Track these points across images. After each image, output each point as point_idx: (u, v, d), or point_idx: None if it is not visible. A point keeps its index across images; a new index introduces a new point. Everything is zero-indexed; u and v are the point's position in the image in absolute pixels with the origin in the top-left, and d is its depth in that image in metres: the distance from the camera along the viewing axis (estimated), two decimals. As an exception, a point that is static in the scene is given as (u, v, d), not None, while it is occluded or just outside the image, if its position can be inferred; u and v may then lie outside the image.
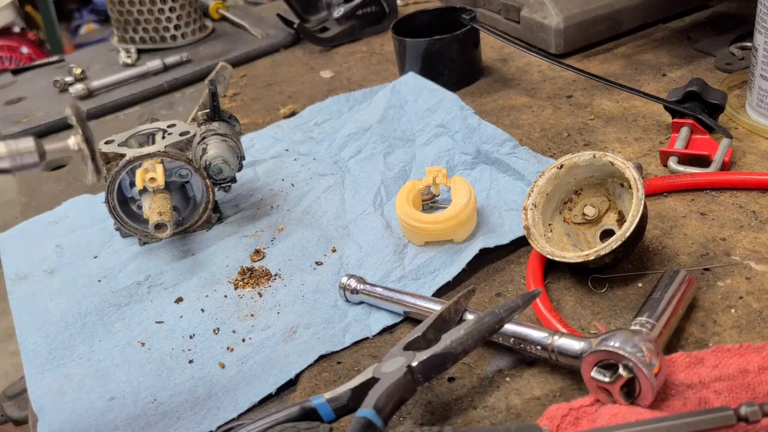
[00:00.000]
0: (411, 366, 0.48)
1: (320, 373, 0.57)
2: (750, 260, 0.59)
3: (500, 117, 0.89)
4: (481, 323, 0.50)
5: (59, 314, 0.68)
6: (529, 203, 0.62)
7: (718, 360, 0.47)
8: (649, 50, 0.99)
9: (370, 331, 0.60)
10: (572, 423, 0.46)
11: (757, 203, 0.65)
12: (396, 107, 0.89)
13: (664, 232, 0.64)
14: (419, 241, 0.68)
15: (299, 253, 0.71)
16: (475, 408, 0.51)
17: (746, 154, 0.72)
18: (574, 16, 0.98)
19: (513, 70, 1.01)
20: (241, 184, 0.85)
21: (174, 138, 0.75)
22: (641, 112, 0.83)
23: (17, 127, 1.10)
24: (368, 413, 0.45)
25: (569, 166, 0.62)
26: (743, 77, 0.84)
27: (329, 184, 0.81)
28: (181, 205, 0.77)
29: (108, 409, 0.57)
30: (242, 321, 0.64)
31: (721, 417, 0.41)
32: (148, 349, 0.62)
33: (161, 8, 1.29)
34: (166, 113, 1.10)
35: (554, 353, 0.50)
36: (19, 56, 3.13)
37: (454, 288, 0.63)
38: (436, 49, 0.94)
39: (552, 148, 0.80)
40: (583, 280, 0.60)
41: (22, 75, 1.36)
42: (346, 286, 0.63)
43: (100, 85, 1.18)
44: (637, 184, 0.57)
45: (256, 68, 1.22)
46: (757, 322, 0.53)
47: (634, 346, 0.45)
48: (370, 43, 1.23)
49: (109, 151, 0.74)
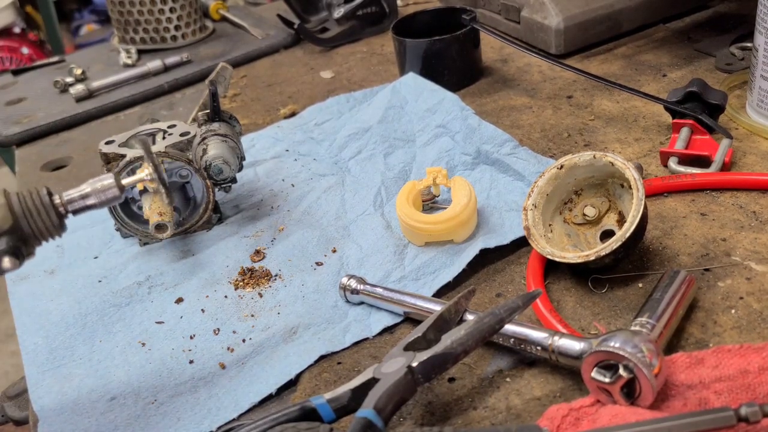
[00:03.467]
0: (411, 366, 0.48)
1: (320, 373, 0.57)
2: (750, 261, 0.59)
3: (500, 117, 0.89)
4: (481, 324, 0.50)
5: (60, 314, 0.68)
6: (529, 204, 0.62)
7: (718, 360, 0.47)
8: (650, 50, 0.99)
9: (371, 332, 0.60)
10: (572, 423, 0.46)
11: (758, 204, 0.65)
12: (396, 108, 0.90)
13: (664, 232, 0.64)
14: (419, 242, 0.68)
15: (299, 254, 0.71)
16: (476, 408, 0.51)
17: (746, 155, 0.72)
18: (574, 16, 0.98)
19: (513, 71, 1.01)
20: (242, 184, 0.85)
21: (174, 138, 0.75)
22: (641, 113, 0.83)
23: (18, 128, 1.11)
24: (368, 413, 0.45)
25: (569, 166, 0.62)
26: (743, 77, 0.84)
27: (329, 184, 0.81)
28: (182, 205, 0.77)
29: (108, 409, 0.57)
30: (242, 321, 0.64)
31: (722, 417, 0.41)
32: (148, 350, 0.63)
33: (161, 9, 1.29)
34: (167, 114, 1.10)
35: (554, 354, 0.50)
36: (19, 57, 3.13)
37: (454, 288, 0.63)
38: (437, 50, 0.94)
39: (552, 148, 0.80)
40: (584, 281, 0.60)
41: (22, 75, 1.36)
42: (347, 286, 0.63)
43: (101, 86, 1.19)
44: (637, 185, 0.57)
45: (256, 69, 1.22)
46: (757, 322, 0.53)
47: (634, 347, 0.45)
48: (370, 44, 1.23)
49: (109, 152, 0.74)
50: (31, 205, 0.46)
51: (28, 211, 0.45)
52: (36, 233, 0.46)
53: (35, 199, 0.46)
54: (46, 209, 0.46)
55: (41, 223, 0.46)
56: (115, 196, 0.48)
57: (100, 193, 0.47)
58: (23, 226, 0.45)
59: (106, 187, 0.47)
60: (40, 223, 0.46)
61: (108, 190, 0.47)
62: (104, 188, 0.47)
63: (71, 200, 0.47)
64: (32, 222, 0.45)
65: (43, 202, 0.46)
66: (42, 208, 0.46)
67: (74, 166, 1.00)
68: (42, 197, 0.46)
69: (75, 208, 0.47)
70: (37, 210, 0.46)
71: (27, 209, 0.45)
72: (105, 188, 0.47)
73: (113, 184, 0.48)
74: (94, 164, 0.98)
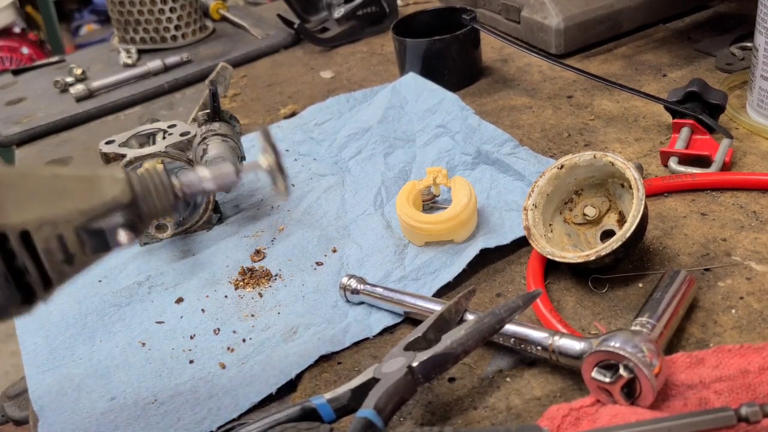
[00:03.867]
0: (411, 366, 0.48)
1: (321, 373, 0.57)
2: (751, 260, 0.59)
3: (500, 117, 0.89)
4: (481, 323, 0.50)
5: (60, 314, 0.68)
6: (529, 203, 0.62)
7: (718, 360, 0.47)
8: (650, 50, 0.99)
9: (371, 332, 0.60)
10: (573, 423, 0.46)
11: (758, 203, 0.65)
12: (396, 108, 0.90)
13: (664, 232, 0.64)
14: (419, 242, 0.68)
15: (300, 254, 0.71)
16: (476, 408, 0.51)
17: (747, 155, 0.72)
18: (574, 16, 0.98)
19: (513, 71, 1.01)
20: (242, 184, 0.85)
21: (174, 138, 0.75)
22: (642, 113, 0.83)
23: (18, 128, 1.11)
24: (369, 413, 0.45)
25: (570, 166, 0.62)
26: (743, 77, 0.84)
27: (330, 184, 0.81)
28: (182, 205, 0.77)
29: (108, 409, 0.57)
30: (243, 321, 0.64)
31: (722, 417, 0.41)
32: (148, 350, 0.63)
33: (161, 8, 1.29)
34: (167, 113, 1.10)
35: (555, 353, 0.50)
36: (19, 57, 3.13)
37: (454, 288, 0.63)
38: (437, 50, 0.94)
39: (552, 148, 0.80)
40: (584, 281, 0.60)
41: (22, 75, 1.36)
42: (347, 286, 0.63)
43: (101, 86, 1.19)
44: (637, 185, 0.57)
45: (256, 68, 1.22)
46: (757, 322, 0.53)
47: (634, 347, 0.45)
48: (370, 44, 1.23)
49: (109, 152, 0.74)
50: (150, 183, 0.46)
51: (146, 188, 0.45)
52: (152, 211, 0.46)
53: (155, 178, 0.46)
54: (165, 188, 0.46)
55: (158, 202, 0.46)
56: (232, 181, 0.48)
57: (218, 177, 0.48)
58: (140, 203, 0.45)
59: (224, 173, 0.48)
60: (157, 202, 0.45)
61: (227, 175, 0.48)
62: (223, 174, 0.48)
63: (190, 183, 0.47)
64: (150, 200, 0.45)
65: (162, 181, 0.46)
66: (161, 186, 0.46)
67: (74, 166, 1.00)
68: (162, 177, 0.46)
69: (191, 191, 0.48)
70: (156, 189, 0.46)
71: (146, 187, 0.45)
72: (224, 174, 0.48)
73: (231, 169, 0.48)
74: (94, 164, 0.98)
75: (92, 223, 0.43)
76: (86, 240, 0.43)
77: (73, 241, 0.42)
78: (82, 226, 0.42)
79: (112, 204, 0.44)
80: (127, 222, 0.44)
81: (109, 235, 0.44)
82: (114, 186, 0.44)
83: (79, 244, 0.42)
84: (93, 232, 0.43)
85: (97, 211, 0.43)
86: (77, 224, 0.42)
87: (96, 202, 0.43)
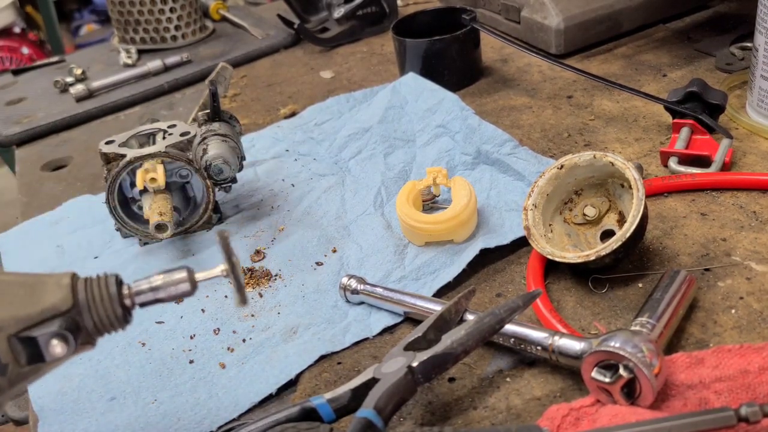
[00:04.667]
0: (411, 366, 0.48)
1: (320, 373, 0.57)
2: (750, 260, 0.59)
3: (500, 117, 0.89)
4: (481, 323, 0.50)
5: (60, 314, 0.68)
6: (529, 204, 0.62)
7: (718, 360, 0.47)
8: (650, 50, 0.99)
9: (371, 332, 0.60)
10: (573, 423, 0.46)
11: (758, 203, 0.65)
12: (396, 108, 0.90)
13: (664, 232, 0.64)
14: (419, 242, 0.68)
15: (299, 254, 0.71)
16: (476, 408, 0.51)
17: (747, 155, 0.72)
18: (574, 16, 0.98)
19: (513, 71, 1.01)
20: (242, 184, 0.85)
21: (174, 138, 0.75)
22: (641, 113, 0.83)
23: (18, 128, 1.11)
24: (368, 413, 0.45)
25: (570, 166, 0.62)
26: (743, 77, 0.84)
27: (329, 184, 0.81)
28: (182, 205, 0.77)
29: (108, 409, 0.57)
30: (242, 321, 0.64)
31: (722, 417, 0.41)
32: (148, 350, 0.63)
33: (161, 9, 1.29)
34: (167, 114, 1.10)
35: (555, 354, 0.50)
36: (19, 57, 3.13)
37: (454, 288, 0.63)
38: (437, 50, 0.94)
39: (552, 148, 0.80)
40: (584, 281, 0.60)
41: (22, 75, 1.36)
42: (347, 286, 0.63)
43: (101, 86, 1.19)
44: (637, 185, 0.57)
45: (256, 68, 1.22)
46: (757, 322, 0.53)
47: (634, 347, 0.45)
48: (370, 44, 1.23)
49: (109, 152, 0.74)
50: (97, 291, 0.44)
51: (91, 296, 0.43)
52: (96, 320, 0.43)
53: (102, 286, 0.44)
54: (111, 298, 0.44)
55: (104, 311, 0.43)
56: (186, 291, 0.46)
57: (171, 287, 0.45)
58: (83, 312, 0.43)
59: (177, 281, 0.45)
60: (102, 311, 0.43)
61: (180, 284, 0.45)
62: (176, 282, 0.45)
63: (140, 291, 0.45)
64: (94, 308, 0.43)
65: (110, 290, 0.44)
66: (107, 295, 0.44)
67: (74, 166, 1.00)
68: (110, 285, 0.44)
69: (143, 300, 0.45)
70: (101, 297, 0.44)
71: (91, 295, 0.43)
72: (177, 282, 0.45)
73: (185, 278, 0.46)
74: (94, 164, 0.98)
75: (26, 331, 0.41)
76: (20, 349, 0.41)
77: (5, 350, 0.40)
78: (16, 333, 0.41)
79: (50, 311, 0.42)
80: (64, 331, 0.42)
81: (42, 345, 0.42)
82: (56, 292, 0.42)
83: (11, 353, 0.40)
84: (26, 340, 0.41)
85: (34, 318, 0.41)
86: (11, 332, 0.40)
87: (33, 310, 0.41)
